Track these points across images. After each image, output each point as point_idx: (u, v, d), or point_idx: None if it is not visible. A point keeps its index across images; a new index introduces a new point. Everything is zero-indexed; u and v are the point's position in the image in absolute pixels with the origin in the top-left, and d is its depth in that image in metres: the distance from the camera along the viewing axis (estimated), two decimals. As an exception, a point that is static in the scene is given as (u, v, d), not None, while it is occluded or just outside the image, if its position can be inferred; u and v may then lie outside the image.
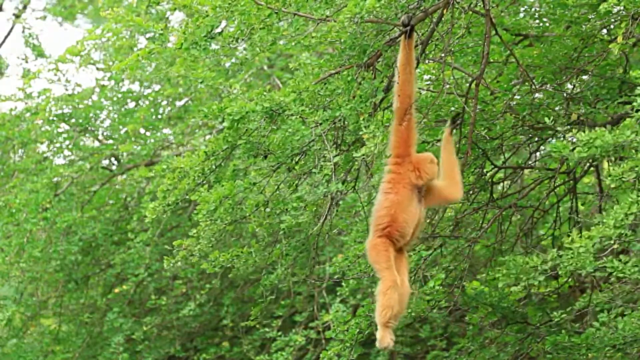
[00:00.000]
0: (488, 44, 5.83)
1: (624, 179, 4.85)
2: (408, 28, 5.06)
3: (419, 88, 6.39)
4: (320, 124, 5.38)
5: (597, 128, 4.91)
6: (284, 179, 5.97)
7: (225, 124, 5.39)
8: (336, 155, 5.47)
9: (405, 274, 5.30)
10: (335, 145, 5.61)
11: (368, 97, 5.43)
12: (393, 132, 5.16)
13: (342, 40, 5.45)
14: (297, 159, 5.75)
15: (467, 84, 6.24)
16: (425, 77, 6.65)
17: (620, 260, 5.24)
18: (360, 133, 5.23)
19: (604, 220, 4.95)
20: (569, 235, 5.13)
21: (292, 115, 5.39)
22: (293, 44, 5.82)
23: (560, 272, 5.22)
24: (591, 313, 7.53)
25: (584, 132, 4.85)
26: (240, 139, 5.59)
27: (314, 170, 5.51)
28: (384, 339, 5.09)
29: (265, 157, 5.79)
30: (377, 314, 5.11)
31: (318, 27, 5.41)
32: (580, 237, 5.02)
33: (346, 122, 5.54)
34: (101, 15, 5.99)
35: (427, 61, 6.38)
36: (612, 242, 5.07)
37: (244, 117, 5.37)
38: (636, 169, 4.83)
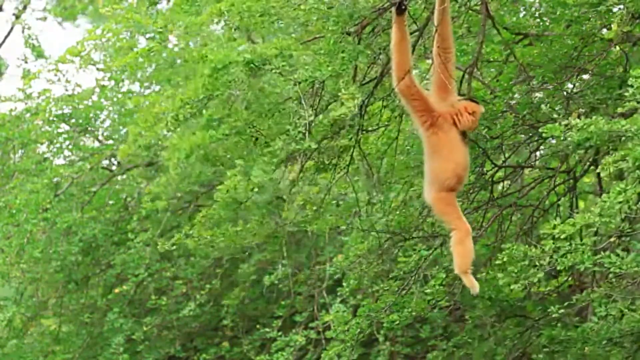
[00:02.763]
0: (483, 33, 5.82)
1: (617, 167, 4.85)
2: (397, 1, 5.06)
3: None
4: (300, 83, 5.35)
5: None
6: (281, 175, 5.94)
7: (206, 71, 5.35)
8: (312, 114, 5.44)
9: None
10: (311, 104, 5.58)
11: (350, 60, 5.42)
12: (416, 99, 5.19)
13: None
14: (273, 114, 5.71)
15: (463, 72, 6.22)
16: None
17: (618, 255, 5.23)
18: (339, 94, 5.20)
19: (591, 209, 4.95)
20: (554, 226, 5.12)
21: (272, 69, 5.35)
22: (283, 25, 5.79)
23: (558, 267, 5.21)
24: (590, 312, 7.53)
25: (579, 118, 4.86)
26: (217, 90, 5.54)
27: (288, 126, 5.46)
28: (475, 285, 5.19)
29: (256, 140, 5.77)
30: (457, 263, 5.20)
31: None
32: (565, 224, 5.01)
33: (325, 84, 5.52)
34: (100, 12, 5.97)
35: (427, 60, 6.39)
36: (598, 230, 5.07)
37: (226, 66, 5.33)
38: (628, 157, 4.82)
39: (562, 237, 5.06)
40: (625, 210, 4.96)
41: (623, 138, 5.03)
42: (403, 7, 5.08)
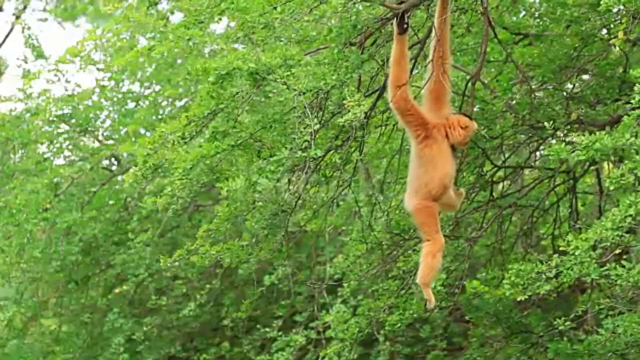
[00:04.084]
0: (485, 43, 5.82)
1: (622, 181, 4.84)
2: (400, 12, 5.06)
3: (418, 87, 6.39)
4: (304, 93, 5.36)
5: (596, 132, 4.87)
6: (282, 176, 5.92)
7: (211, 78, 5.35)
8: (317, 123, 5.44)
9: None
10: (315, 115, 5.58)
11: (354, 69, 5.43)
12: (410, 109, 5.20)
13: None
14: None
15: (466, 83, 6.24)
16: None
17: (623, 267, 5.23)
18: (344, 101, 5.21)
19: (602, 222, 4.93)
20: (564, 239, 5.11)
21: (276, 80, 5.35)
22: (286, 40, 5.79)
23: (564, 279, 5.20)
24: (591, 316, 7.52)
25: (583, 135, 4.83)
26: (221, 104, 5.54)
27: (293, 135, 5.46)
28: (433, 299, 5.30)
29: (260, 152, 5.76)
30: (422, 274, 5.24)
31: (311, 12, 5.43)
32: (577, 239, 5.00)
33: (329, 94, 5.53)
34: (102, 10, 5.94)
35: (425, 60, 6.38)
36: (610, 245, 5.05)
37: (230, 74, 5.33)
38: (635, 170, 4.81)
39: (575, 253, 5.05)
40: (631, 222, 4.96)
41: (626, 150, 5.02)
42: (405, 25, 5.08)
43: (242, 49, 5.77)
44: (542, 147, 7.58)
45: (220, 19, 5.66)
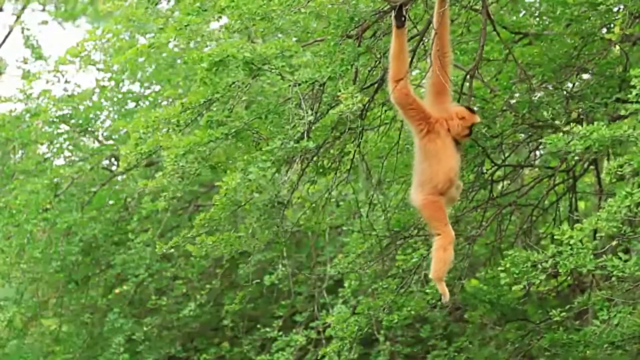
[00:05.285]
0: (484, 37, 5.82)
1: (619, 173, 4.84)
2: (397, 5, 5.06)
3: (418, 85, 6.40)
4: (299, 84, 5.35)
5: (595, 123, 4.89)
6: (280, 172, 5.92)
7: (204, 64, 5.34)
8: (311, 115, 5.43)
9: None
10: (311, 106, 5.58)
11: (350, 62, 5.43)
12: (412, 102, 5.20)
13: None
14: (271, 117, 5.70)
15: (464, 76, 6.23)
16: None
17: (620, 259, 5.23)
18: (338, 94, 5.21)
19: (598, 213, 4.93)
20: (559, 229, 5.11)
21: (271, 70, 5.34)
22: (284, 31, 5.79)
23: (560, 270, 5.20)
24: (591, 313, 7.53)
25: (581, 125, 4.84)
26: (217, 93, 5.53)
27: (287, 126, 5.46)
28: (447, 293, 5.30)
29: (257, 144, 5.75)
30: (435, 269, 5.25)
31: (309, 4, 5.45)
32: (572, 229, 5.00)
33: (325, 86, 5.53)
34: (101, 9, 5.94)
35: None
36: (606, 235, 5.05)
37: (224, 61, 5.31)
38: (632, 162, 4.81)
39: (570, 242, 5.05)
40: (627, 213, 4.95)
41: (624, 141, 5.02)
42: (403, 18, 5.08)
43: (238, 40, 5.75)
44: (542, 146, 7.59)
45: (220, 17, 5.66)
